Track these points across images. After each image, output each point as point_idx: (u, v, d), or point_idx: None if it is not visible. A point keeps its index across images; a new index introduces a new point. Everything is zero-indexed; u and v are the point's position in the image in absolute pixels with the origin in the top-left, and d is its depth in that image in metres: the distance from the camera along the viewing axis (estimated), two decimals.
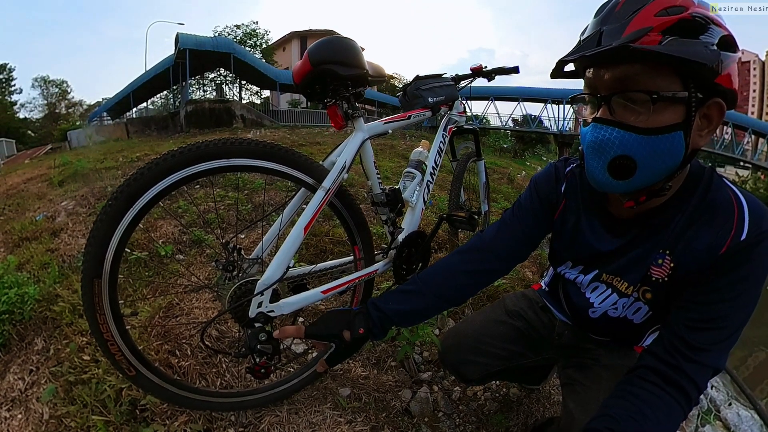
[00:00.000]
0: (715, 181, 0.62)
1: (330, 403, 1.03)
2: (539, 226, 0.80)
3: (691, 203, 0.62)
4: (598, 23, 0.56)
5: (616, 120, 0.56)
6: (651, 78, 0.52)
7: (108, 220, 0.63)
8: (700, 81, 0.52)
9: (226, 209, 2.32)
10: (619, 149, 0.55)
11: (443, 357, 1.02)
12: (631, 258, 0.68)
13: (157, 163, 0.65)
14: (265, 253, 0.84)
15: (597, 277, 0.74)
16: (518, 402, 1.20)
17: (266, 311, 0.73)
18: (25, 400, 1.01)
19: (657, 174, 0.57)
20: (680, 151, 0.55)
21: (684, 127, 0.54)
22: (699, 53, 0.50)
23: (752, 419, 1.42)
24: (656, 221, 0.65)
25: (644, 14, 0.52)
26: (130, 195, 0.63)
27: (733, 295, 0.59)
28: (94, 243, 0.64)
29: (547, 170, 0.80)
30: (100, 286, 0.64)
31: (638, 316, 0.73)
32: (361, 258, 0.95)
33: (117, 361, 0.72)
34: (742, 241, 0.57)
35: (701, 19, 0.51)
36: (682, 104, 0.53)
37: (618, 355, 0.83)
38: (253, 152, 0.72)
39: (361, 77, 0.85)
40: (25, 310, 1.32)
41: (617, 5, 0.55)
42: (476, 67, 1.39)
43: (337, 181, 0.82)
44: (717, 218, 0.59)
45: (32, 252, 1.89)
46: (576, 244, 0.75)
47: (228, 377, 1.06)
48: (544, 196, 0.78)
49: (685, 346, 0.59)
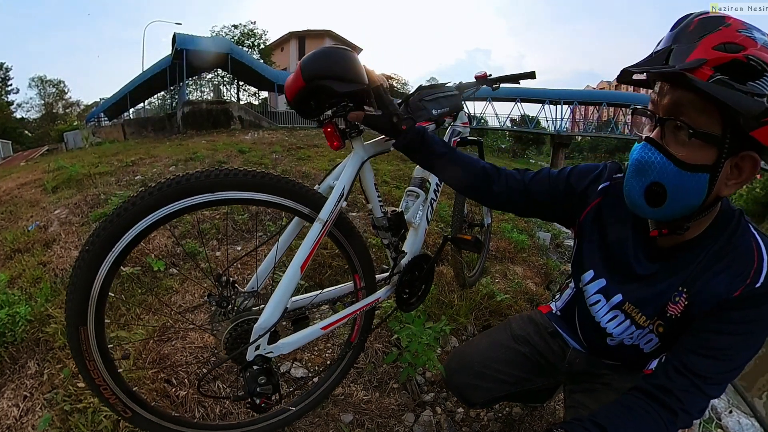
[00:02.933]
0: (742, 226, 0.61)
1: (332, 430, 1.00)
2: (549, 195, 0.79)
3: (716, 245, 0.62)
4: (671, 39, 0.54)
5: (664, 146, 0.55)
6: (699, 113, 0.51)
7: (87, 266, 0.59)
8: (737, 129, 0.50)
9: (221, 218, 2.28)
10: (657, 176, 0.55)
11: (448, 380, 1.00)
12: (656, 291, 0.68)
13: (134, 203, 0.60)
14: (260, 285, 0.80)
15: (620, 305, 0.73)
16: (520, 421, 1.18)
17: (264, 354, 0.70)
18: (20, 429, 0.99)
19: (679, 210, 0.57)
20: (702, 193, 0.54)
21: (711, 170, 0.53)
22: (736, 99, 0.47)
23: (753, 427, 1.42)
24: (683, 258, 0.65)
25: (705, 44, 0.50)
26: (108, 238, 0.59)
27: (739, 331, 0.60)
28: (76, 291, 0.60)
29: (593, 165, 0.80)
30: (87, 333, 0.61)
31: (648, 346, 0.73)
32: (362, 287, 0.91)
33: (112, 404, 0.68)
34: (757, 288, 0.58)
35: (757, 64, 0.48)
36: (716, 147, 0.52)
37: (629, 379, 0.81)
38: (240, 184, 0.66)
39: (360, 93, 0.74)
40: (16, 331, 1.28)
41: (691, 24, 0.53)
42: (481, 75, 1.33)
43: (335, 211, 0.76)
44: (736, 264, 0.60)
45: (24, 265, 1.85)
46: (611, 253, 0.73)
47: (227, 404, 1.03)
48: (574, 184, 0.77)
49: (685, 370, 0.61)
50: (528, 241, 2.53)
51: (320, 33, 27.04)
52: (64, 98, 33.98)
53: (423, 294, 1.08)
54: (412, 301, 1.05)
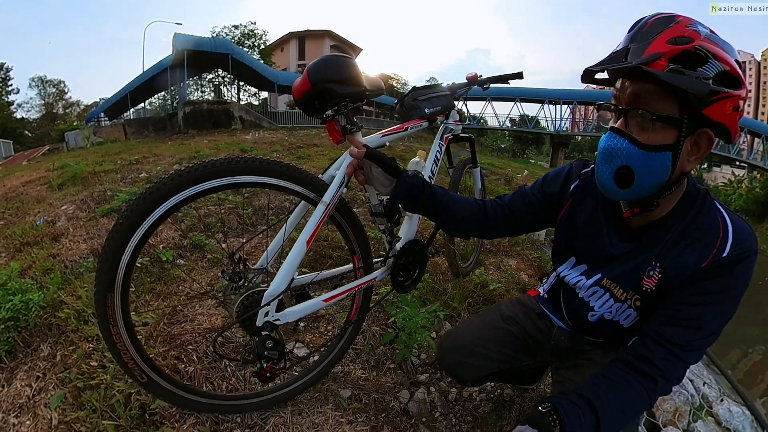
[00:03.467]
0: (708, 203, 0.67)
1: (332, 404, 1.06)
2: (529, 212, 0.87)
3: (684, 222, 0.67)
4: (629, 39, 0.61)
5: (627, 133, 0.62)
6: (658, 100, 0.58)
7: (120, 236, 0.67)
8: (692, 109, 0.57)
9: (227, 212, 2.36)
10: (623, 160, 0.62)
11: (440, 359, 1.05)
12: (631, 266, 0.73)
13: (165, 182, 0.68)
14: (270, 263, 0.88)
15: (598, 281, 0.79)
16: (511, 402, 1.24)
17: (272, 320, 0.77)
18: (32, 407, 1.02)
19: (647, 188, 0.63)
20: (666, 170, 0.61)
21: (673, 148, 0.60)
22: (689, 83, 0.55)
23: (743, 415, 1.46)
24: (654, 235, 0.70)
25: (661, 39, 0.57)
26: (141, 212, 0.67)
27: (709, 301, 0.64)
28: (107, 259, 0.67)
29: (561, 168, 0.87)
30: (113, 300, 0.68)
31: (627, 320, 0.78)
32: (360, 267, 0.99)
33: (130, 369, 0.75)
34: (723, 258, 0.63)
35: (702, 53, 0.56)
36: (675, 128, 0.59)
37: (611, 355, 0.87)
38: (256, 169, 0.76)
39: (358, 94, 0.88)
40: (30, 316, 1.33)
41: (646, 25, 0.60)
42: (472, 76, 1.42)
43: (337, 195, 0.86)
44: (703, 237, 0.65)
45: (34, 257, 1.90)
46: (587, 241, 0.80)
47: (233, 381, 1.10)
48: (549, 191, 0.85)
49: (661, 340, 0.65)
50: (523, 236, 2.60)
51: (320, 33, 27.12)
52: (64, 98, 33.99)
53: (417, 277, 1.16)
54: (406, 284, 1.13)
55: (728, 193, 21.84)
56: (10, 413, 1.02)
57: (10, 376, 1.16)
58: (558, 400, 0.65)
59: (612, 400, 0.64)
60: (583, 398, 0.64)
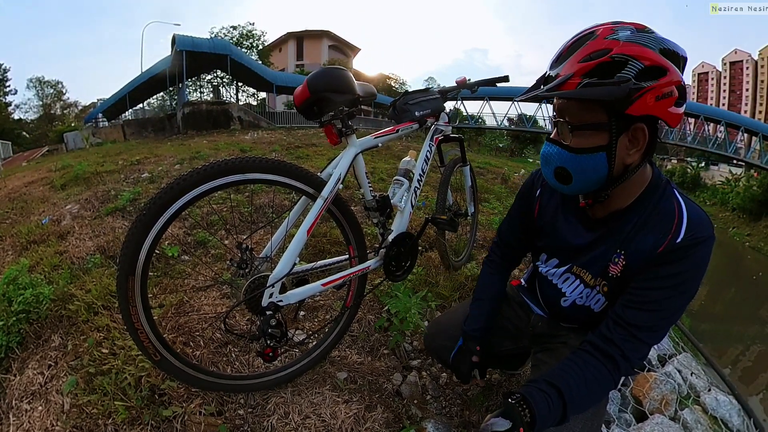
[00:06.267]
0: (667, 192, 0.73)
1: (329, 385, 1.14)
2: (524, 221, 0.97)
3: (646, 210, 0.73)
4: (550, 66, 0.70)
5: (557, 140, 0.71)
6: (580, 111, 0.67)
7: (142, 225, 0.75)
8: (618, 112, 0.64)
9: (229, 211, 2.43)
10: (557, 162, 0.72)
11: (427, 344, 1.13)
12: (597, 254, 0.80)
13: (184, 179, 0.77)
14: (273, 252, 0.97)
15: (569, 269, 0.86)
16: (499, 386, 1.32)
17: (276, 301, 0.86)
18: (45, 393, 1.08)
19: (589, 184, 0.72)
20: (603, 167, 0.69)
21: (607, 149, 0.67)
22: (602, 92, 0.62)
23: (731, 404, 1.49)
24: (618, 224, 0.76)
25: (573, 60, 0.65)
26: (162, 204, 0.76)
27: (666, 285, 0.69)
28: (130, 245, 0.75)
29: (526, 181, 0.97)
30: (134, 282, 0.76)
31: (598, 305, 0.85)
32: (355, 256, 1.08)
33: (145, 347, 0.83)
34: (677, 243, 0.68)
35: (620, 59, 0.62)
36: (606, 131, 0.66)
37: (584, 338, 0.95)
38: (264, 167, 0.86)
39: (352, 101, 1.00)
40: (41, 309, 1.38)
41: (563, 51, 0.68)
42: (461, 80, 1.51)
43: (334, 190, 0.96)
44: (660, 225, 0.71)
45: (41, 255, 1.95)
46: (554, 238, 0.88)
47: (237, 365, 1.17)
48: (524, 200, 0.95)
49: (622, 322, 0.71)
50: None
51: (318, 33, 27.14)
52: (62, 99, 33.98)
53: (408, 267, 1.24)
54: (398, 274, 1.21)
55: (726, 192, 21.93)
56: (23, 400, 1.08)
57: (22, 365, 1.21)
58: (527, 390, 0.69)
59: (579, 383, 0.69)
60: (552, 385, 0.69)
